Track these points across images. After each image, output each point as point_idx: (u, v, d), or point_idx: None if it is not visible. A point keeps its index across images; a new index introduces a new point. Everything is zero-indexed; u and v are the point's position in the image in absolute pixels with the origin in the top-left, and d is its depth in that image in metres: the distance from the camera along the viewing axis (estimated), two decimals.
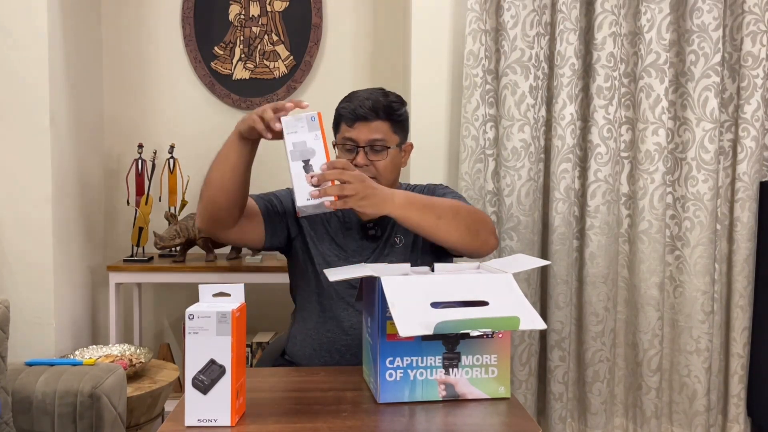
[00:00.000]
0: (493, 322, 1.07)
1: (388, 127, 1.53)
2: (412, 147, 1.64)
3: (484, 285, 1.14)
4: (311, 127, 1.26)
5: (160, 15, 2.62)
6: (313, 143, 1.25)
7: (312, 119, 1.26)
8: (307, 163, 1.25)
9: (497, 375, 1.16)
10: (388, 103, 1.54)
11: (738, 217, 2.18)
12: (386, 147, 1.53)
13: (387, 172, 1.54)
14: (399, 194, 1.36)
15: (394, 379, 1.12)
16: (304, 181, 1.24)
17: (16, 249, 2.13)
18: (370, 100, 1.52)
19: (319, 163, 1.25)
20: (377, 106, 1.51)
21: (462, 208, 1.46)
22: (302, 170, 1.25)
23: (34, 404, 1.66)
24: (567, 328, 2.20)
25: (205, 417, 1.01)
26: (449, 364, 1.14)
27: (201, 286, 1.06)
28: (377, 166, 1.52)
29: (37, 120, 2.11)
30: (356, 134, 1.52)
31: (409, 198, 1.37)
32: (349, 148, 1.53)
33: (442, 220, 1.40)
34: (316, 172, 1.24)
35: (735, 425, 2.23)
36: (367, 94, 1.54)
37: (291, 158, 1.25)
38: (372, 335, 1.17)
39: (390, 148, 1.53)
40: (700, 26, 2.11)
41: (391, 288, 1.08)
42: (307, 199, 1.23)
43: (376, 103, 1.52)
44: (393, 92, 1.59)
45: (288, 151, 1.25)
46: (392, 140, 1.54)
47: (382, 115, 1.52)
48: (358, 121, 1.52)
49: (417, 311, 1.06)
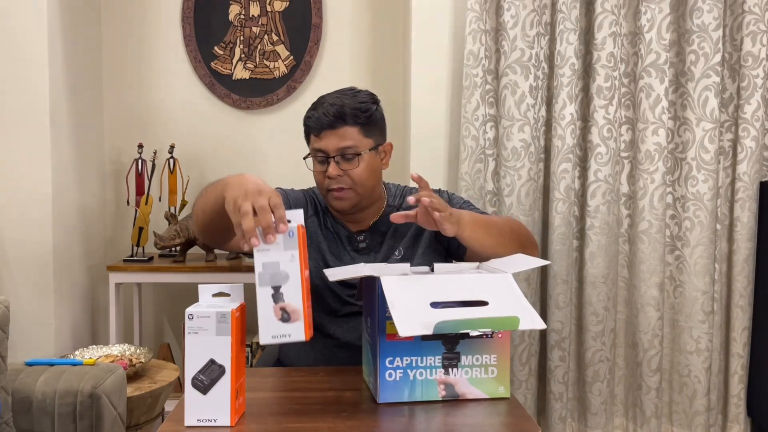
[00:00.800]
0: (493, 322, 1.07)
1: (357, 131, 1.44)
2: (391, 147, 1.56)
3: (484, 285, 1.14)
4: (288, 245, 1.01)
5: (160, 15, 2.62)
6: (287, 266, 1.01)
7: (290, 235, 1.02)
8: (278, 290, 1.01)
9: (497, 375, 1.16)
10: (356, 105, 1.44)
11: (738, 217, 2.18)
12: (358, 153, 1.44)
13: (363, 179, 1.46)
14: (464, 213, 1.34)
15: (393, 379, 1.12)
16: (271, 312, 1.00)
17: (16, 249, 2.13)
18: (335, 105, 1.43)
19: (291, 292, 1.01)
20: (343, 112, 1.42)
21: (515, 224, 1.47)
22: (270, 299, 1.01)
23: (34, 404, 1.66)
24: (567, 328, 2.20)
25: (205, 417, 1.01)
26: (449, 364, 1.14)
27: (200, 286, 1.06)
28: (351, 175, 1.44)
29: (37, 120, 2.11)
30: (325, 144, 1.44)
31: (472, 217, 1.36)
32: (320, 160, 1.46)
33: (502, 237, 1.40)
34: (288, 303, 1.01)
35: (735, 425, 2.23)
36: (333, 99, 1.45)
37: (259, 282, 1.00)
38: (372, 335, 1.17)
39: (362, 154, 1.45)
40: (700, 26, 2.11)
41: (391, 288, 1.08)
42: (272, 336, 1.00)
43: (341, 109, 1.42)
44: (365, 90, 1.51)
45: (256, 273, 1.01)
46: (364, 145, 1.46)
47: (349, 121, 1.43)
48: (324, 130, 1.43)
49: (416, 311, 1.06)
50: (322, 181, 1.48)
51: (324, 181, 1.47)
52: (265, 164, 2.67)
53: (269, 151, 2.67)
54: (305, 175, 2.82)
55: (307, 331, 1.01)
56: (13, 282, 2.13)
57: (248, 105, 2.63)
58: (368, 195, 1.50)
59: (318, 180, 1.50)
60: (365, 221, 1.54)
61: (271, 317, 1.00)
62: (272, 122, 2.66)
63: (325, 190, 1.48)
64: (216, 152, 2.65)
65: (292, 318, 1.01)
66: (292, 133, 2.66)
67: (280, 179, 2.65)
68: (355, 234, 1.53)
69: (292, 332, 1.01)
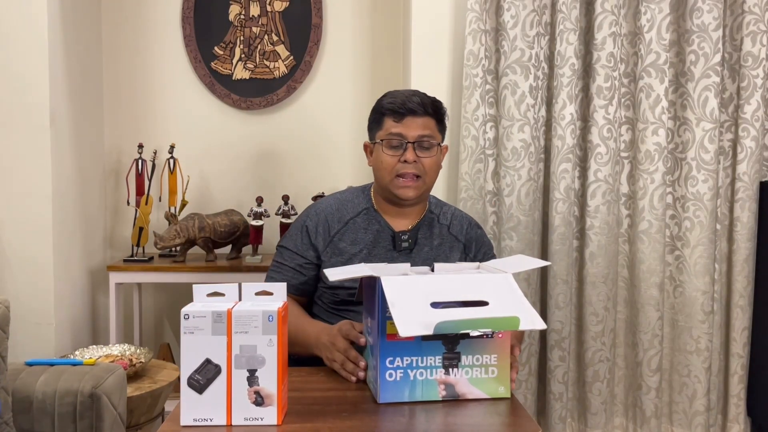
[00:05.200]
0: (493, 322, 1.07)
1: (434, 124, 1.51)
2: (447, 149, 1.61)
3: (484, 285, 1.14)
4: (267, 329, 1.00)
5: (160, 15, 2.62)
6: (264, 350, 1.00)
7: (270, 319, 1.00)
8: (253, 374, 1.00)
9: (497, 375, 1.16)
10: (434, 100, 1.52)
11: (738, 217, 2.18)
12: (434, 144, 1.50)
13: (432, 171, 1.52)
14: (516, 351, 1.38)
15: (394, 379, 1.12)
16: (244, 396, 1.01)
17: (16, 249, 2.13)
18: (417, 96, 1.49)
19: (267, 376, 1.00)
20: (425, 102, 1.49)
21: None
22: (245, 382, 1.00)
23: (34, 404, 1.66)
24: (567, 328, 2.20)
25: (201, 416, 1.01)
26: (449, 364, 1.14)
27: (195, 286, 1.06)
28: (424, 163, 1.49)
29: (37, 120, 2.11)
30: (404, 129, 1.48)
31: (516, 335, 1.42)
32: (395, 144, 1.49)
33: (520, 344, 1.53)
34: (262, 387, 1.01)
35: (735, 425, 2.23)
36: (412, 92, 1.51)
37: (234, 365, 1.00)
38: (372, 335, 1.17)
39: (438, 145, 1.51)
40: (700, 26, 2.11)
41: (391, 288, 1.08)
42: (244, 418, 1.01)
43: (424, 99, 1.49)
44: None
45: (233, 355, 1.00)
46: (438, 138, 1.52)
47: (430, 111, 1.49)
48: (407, 116, 1.48)
49: (417, 311, 1.06)
50: (392, 166, 1.49)
51: (395, 166, 1.49)
52: (266, 164, 2.67)
53: (269, 151, 2.67)
54: (305, 175, 2.81)
55: (279, 416, 1.02)
56: (13, 282, 2.13)
57: (248, 105, 2.63)
58: (430, 188, 1.55)
59: (388, 164, 1.50)
60: (408, 219, 1.56)
61: (244, 400, 1.01)
62: (272, 122, 2.66)
63: (393, 175, 1.50)
64: (216, 152, 2.65)
65: (266, 402, 1.01)
66: (292, 133, 2.66)
67: (280, 179, 2.66)
68: (399, 233, 1.54)
69: (265, 416, 1.01)
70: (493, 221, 2.19)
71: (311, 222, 1.54)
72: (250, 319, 1.01)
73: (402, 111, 1.48)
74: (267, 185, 2.66)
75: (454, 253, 1.58)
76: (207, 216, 2.39)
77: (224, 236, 2.41)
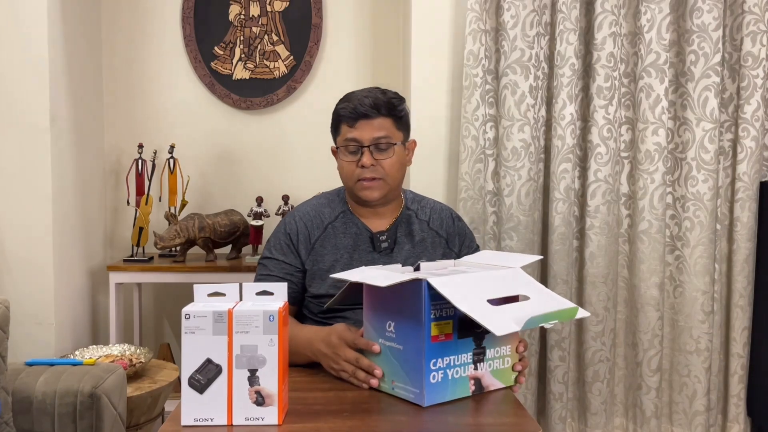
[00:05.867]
0: (560, 314, 1.12)
1: (391, 123, 1.49)
2: (415, 144, 1.61)
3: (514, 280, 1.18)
4: (267, 328, 1.01)
5: (160, 15, 2.62)
6: (265, 350, 1.01)
7: (270, 318, 1.01)
8: (254, 374, 1.01)
9: (510, 364, 1.22)
10: (388, 99, 1.49)
11: (738, 217, 2.18)
12: (391, 144, 1.49)
13: (394, 171, 1.50)
14: None
15: (436, 380, 1.12)
16: (245, 396, 1.01)
17: (16, 249, 2.13)
18: (369, 97, 1.48)
19: (268, 376, 1.01)
20: (378, 103, 1.47)
21: None
22: (246, 382, 1.01)
23: (34, 404, 1.66)
24: (567, 328, 2.20)
25: (202, 416, 1.01)
26: (477, 359, 1.17)
27: (196, 286, 1.06)
28: (384, 165, 1.48)
29: (37, 120, 2.11)
30: (359, 133, 1.47)
31: None
32: (352, 150, 1.49)
33: None
34: (263, 387, 1.01)
35: (735, 425, 2.23)
36: (366, 93, 1.50)
37: (235, 364, 1.01)
38: (409, 340, 1.13)
39: (395, 145, 1.50)
40: (700, 26, 2.11)
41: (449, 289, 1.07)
42: (245, 418, 1.01)
43: (377, 100, 1.47)
44: (390, 90, 1.55)
45: (233, 355, 1.01)
46: (396, 137, 1.50)
47: (384, 112, 1.48)
48: (360, 120, 1.47)
49: (487, 309, 1.07)
50: (352, 172, 1.50)
51: (354, 171, 1.49)
52: (266, 164, 2.67)
53: (269, 151, 2.67)
54: (305, 175, 2.81)
55: (280, 416, 1.03)
56: (13, 282, 2.13)
57: (248, 105, 2.63)
58: (395, 188, 1.54)
59: (347, 171, 1.51)
60: (385, 219, 1.56)
61: (245, 399, 1.01)
62: (272, 122, 2.66)
63: (354, 180, 1.50)
64: (216, 152, 2.65)
65: (267, 402, 1.02)
66: (292, 133, 2.66)
67: (280, 179, 2.66)
68: (377, 234, 1.54)
69: (266, 416, 1.02)
70: (493, 221, 2.19)
71: (291, 229, 1.54)
72: (250, 319, 1.01)
73: (353, 116, 1.47)
74: (267, 185, 2.66)
75: (437, 249, 1.56)
76: (207, 216, 2.39)
77: (224, 236, 2.41)
